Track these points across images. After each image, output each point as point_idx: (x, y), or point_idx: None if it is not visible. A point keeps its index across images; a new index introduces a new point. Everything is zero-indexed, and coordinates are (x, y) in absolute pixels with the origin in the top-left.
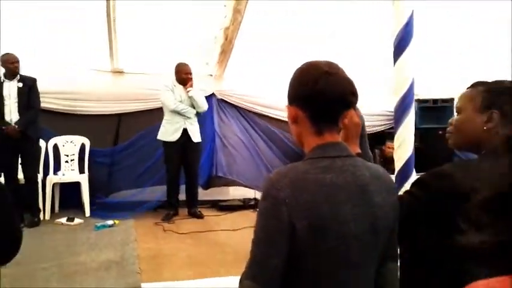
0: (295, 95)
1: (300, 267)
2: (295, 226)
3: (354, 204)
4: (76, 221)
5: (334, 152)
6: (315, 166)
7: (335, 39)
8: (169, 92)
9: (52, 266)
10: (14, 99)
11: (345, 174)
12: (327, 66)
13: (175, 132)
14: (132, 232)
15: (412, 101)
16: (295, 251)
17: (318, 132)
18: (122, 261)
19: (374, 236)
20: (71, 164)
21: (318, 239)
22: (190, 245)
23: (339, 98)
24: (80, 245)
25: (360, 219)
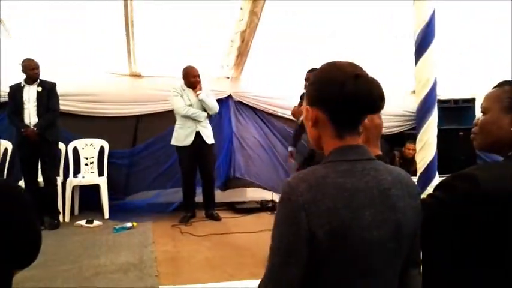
0: (318, 97)
1: (319, 275)
2: (315, 233)
3: (376, 209)
4: (95, 223)
5: (355, 155)
6: (335, 170)
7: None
8: (178, 97)
9: (71, 268)
10: (33, 102)
11: (366, 178)
12: (353, 68)
13: (188, 136)
14: (150, 234)
15: (435, 101)
16: (315, 258)
17: (339, 136)
18: (140, 263)
19: (397, 242)
20: (90, 167)
21: (338, 246)
22: (208, 247)
23: (367, 102)
24: (99, 247)
25: (382, 225)
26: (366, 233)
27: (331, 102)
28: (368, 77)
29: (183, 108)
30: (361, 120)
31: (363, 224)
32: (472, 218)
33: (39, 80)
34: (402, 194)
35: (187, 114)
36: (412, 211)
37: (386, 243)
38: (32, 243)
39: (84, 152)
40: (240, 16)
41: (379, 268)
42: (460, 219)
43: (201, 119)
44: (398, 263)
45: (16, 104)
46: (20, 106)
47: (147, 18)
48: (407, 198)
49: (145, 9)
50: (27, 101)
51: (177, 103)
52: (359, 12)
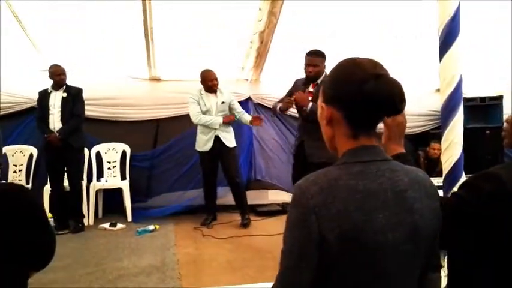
0: (334, 95)
1: (330, 279)
2: (325, 236)
3: (391, 211)
4: (118, 226)
5: (369, 156)
6: (347, 172)
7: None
8: (194, 104)
9: (95, 271)
10: (58, 108)
11: (381, 179)
12: (373, 66)
13: (208, 141)
14: (172, 237)
15: (461, 99)
16: (325, 262)
17: (354, 136)
18: (163, 266)
19: (414, 245)
20: (113, 171)
21: (350, 250)
22: (229, 250)
23: (387, 104)
24: (122, 250)
25: (397, 228)
26: (379, 236)
27: (348, 101)
28: (389, 77)
29: (195, 117)
30: (378, 121)
31: (376, 227)
32: (495, 218)
33: (66, 86)
34: (420, 195)
35: (199, 123)
36: (431, 213)
37: (402, 246)
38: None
39: (107, 156)
40: (259, 17)
41: (394, 272)
42: (483, 218)
43: (216, 127)
44: (417, 266)
45: (42, 109)
46: (46, 112)
47: (166, 22)
48: (426, 200)
49: (164, 13)
50: (52, 106)
51: (192, 110)
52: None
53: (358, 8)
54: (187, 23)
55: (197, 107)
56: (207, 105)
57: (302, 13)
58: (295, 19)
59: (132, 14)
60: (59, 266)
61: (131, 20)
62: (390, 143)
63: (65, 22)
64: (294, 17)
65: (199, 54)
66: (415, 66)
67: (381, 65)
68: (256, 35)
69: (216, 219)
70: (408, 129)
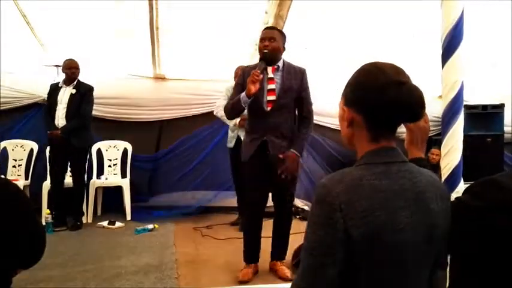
0: (356, 99)
1: (355, 277)
2: (351, 234)
3: (412, 211)
4: (117, 224)
5: (389, 157)
6: (370, 172)
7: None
8: (221, 99)
9: (92, 269)
10: (64, 104)
11: (402, 180)
12: (396, 73)
13: (233, 139)
14: (171, 237)
15: (461, 106)
16: (351, 260)
17: (374, 140)
18: (161, 265)
19: (429, 245)
20: (113, 169)
21: (375, 248)
22: (229, 250)
23: (408, 110)
24: (120, 249)
25: (417, 227)
26: (401, 235)
27: (370, 106)
28: (411, 85)
29: (215, 109)
30: (398, 125)
31: (398, 226)
32: (496, 226)
33: (77, 81)
34: (435, 196)
35: (217, 116)
36: (444, 214)
37: (421, 246)
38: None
39: (108, 153)
40: (265, 19)
41: (413, 270)
42: (484, 226)
43: (231, 124)
44: (430, 264)
45: (51, 104)
46: (53, 106)
47: (172, 21)
48: (439, 201)
49: (171, 13)
50: (60, 102)
51: (216, 103)
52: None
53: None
54: (193, 22)
55: (223, 101)
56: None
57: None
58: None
59: (138, 13)
60: (55, 263)
61: (137, 19)
62: (412, 147)
63: (71, 19)
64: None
65: (204, 53)
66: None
67: (403, 71)
68: None
69: None
70: None
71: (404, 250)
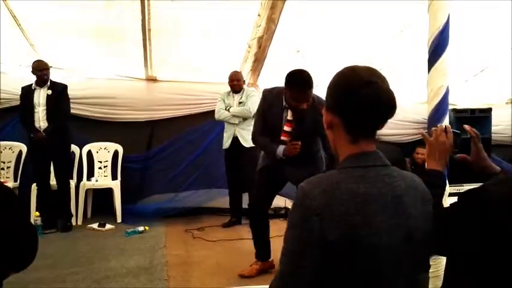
0: (332, 102)
1: (330, 279)
2: (327, 237)
3: (388, 215)
4: (107, 226)
5: (369, 161)
6: (349, 176)
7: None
8: (219, 102)
9: (82, 271)
10: (43, 106)
11: (380, 184)
12: (368, 75)
13: (228, 139)
14: (162, 239)
15: (446, 110)
16: (327, 262)
17: (353, 141)
18: (151, 267)
19: (408, 247)
20: (104, 171)
21: (351, 251)
22: (219, 252)
23: (375, 110)
24: (110, 251)
25: (393, 231)
26: (377, 238)
27: (343, 108)
28: (379, 84)
29: (217, 112)
30: (375, 127)
31: (374, 229)
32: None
33: (50, 82)
34: (415, 200)
35: (219, 119)
36: (424, 217)
37: (399, 249)
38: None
39: (98, 155)
40: (258, 22)
41: (390, 273)
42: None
43: (235, 122)
44: (409, 267)
45: (27, 107)
46: (30, 110)
47: (164, 23)
48: (420, 205)
49: (163, 14)
50: (37, 104)
51: (216, 107)
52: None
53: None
54: (186, 24)
55: (222, 104)
56: (230, 104)
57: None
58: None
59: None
60: (44, 265)
61: (129, 20)
62: (429, 160)
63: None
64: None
65: (196, 56)
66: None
67: (378, 73)
68: (255, 40)
69: (240, 222)
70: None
71: (381, 254)
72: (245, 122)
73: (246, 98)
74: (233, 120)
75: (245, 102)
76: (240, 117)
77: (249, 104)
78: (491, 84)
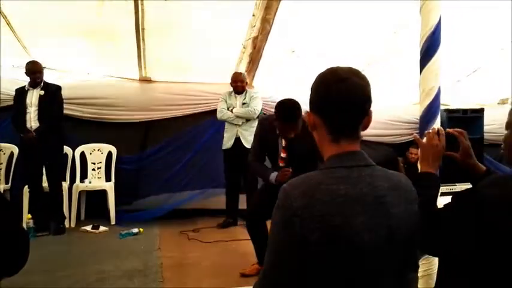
0: (311, 102)
1: (313, 279)
2: (308, 238)
3: (370, 215)
4: (101, 228)
5: (351, 161)
6: (330, 176)
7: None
8: (221, 102)
9: (76, 274)
10: (35, 107)
11: (361, 185)
12: (344, 73)
13: (230, 140)
14: (157, 240)
15: (438, 110)
16: (308, 263)
17: (335, 141)
18: (145, 269)
19: (391, 248)
20: (97, 172)
21: (330, 251)
22: (215, 254)
23: (349, 105)
24: (104, 253)
25: (374, 231)
26: (357, 239)
27: (320, 106)
28: (352, 81)
29: (220, 112)
30: (354, 125)
31: (354, 230)
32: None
33: (44, 83)
34: (398, 200)
35: (222, 119)
36: (409, 217)
37: (380, 250)
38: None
39: (92, 157)
40: (252, 22)
41: (373, 273)
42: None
43: (239, 123)
44: (394, 267)
45: (19, 108)
46: (22, 110)
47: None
48: (404, 204)
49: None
50: (29, 105)
51: (218, 107)
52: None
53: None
54: (180, 24)
55: (224, 104)
56: (233, 104)
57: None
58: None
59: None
60: (37, 269)
61: (123, 20)
62: (422, 162)
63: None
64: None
65: (191, 56)
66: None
67: (354, 71)
68: (250, 41)
69: (236, 224)
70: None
71: (360, 254)
72: (248, 123)
73: (249, 99)
74: (236, 121)
75: (249, 103)
76: (244, 118)
77: (253, 105)
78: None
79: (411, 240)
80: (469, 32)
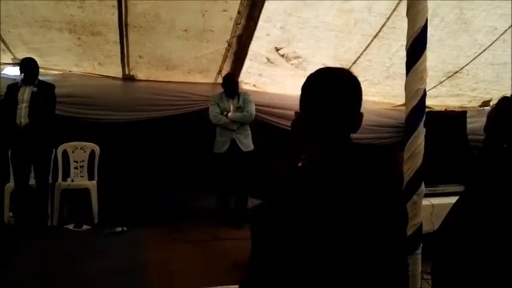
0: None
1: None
2: (285, 239)
3: (349, 217)
4: (84, 227)
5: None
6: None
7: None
8: (213, 106)
9: (57, 273)
10: (26, 103)
11: (341, 185)
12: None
13: (225, 144)
14: (140, 239)
15: (423, 113)
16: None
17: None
18: (129, 269)
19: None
20: (80, 171)
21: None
22: (199, 253)
23: (317, 101)
24: (87, 252)
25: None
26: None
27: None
28: (321, 75)
29: (214, 117)
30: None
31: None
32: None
33: (38, 81)
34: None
35: (218, 123)
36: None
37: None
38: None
39: (74, 155)
40: (237, 20)
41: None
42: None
43: (234, 127)
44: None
45: (10, 103)
46: (13, 106)
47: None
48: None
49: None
50: (20, 101)
51: (211, 112)
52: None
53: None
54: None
55: (217, 108)
56: (226, 108)
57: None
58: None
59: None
60: (17, 267)
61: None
62: None
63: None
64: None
65: (175, 54)
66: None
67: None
68: (235, 39)
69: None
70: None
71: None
72: (242, 127)
73: (243, 103)
74: (231, 125)
75: (243, 107)
76: (239, 123)
77: (249, 109)
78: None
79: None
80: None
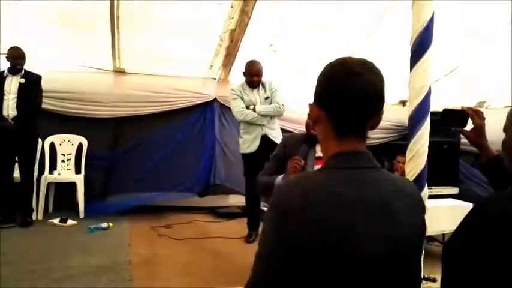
0: (317, 94)
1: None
2: (304, 242)
3: (374, 222)
4: (69, 222)
5: (355, 162)
6: (332, 177)
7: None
8: (236, 100)
9: (40, 269)
10: (13, 94)
11: (366, 188)
12: (357, 66)
13: (255, 141)
14: (126, 236)
15: (428, 111)
16: (303, 270)
17: (339, 138)
18: (114, 266)
19: (395, 258)
20: (67, 164)
21: (329, 259)
22: (186, 251)
23: (358, 103)
24: (71, 248)
25: (378, 240)
26: (360, 247)
27: (326, 101)
28: (366, 76)
29: (240, 113)
30: (362, 122)
31: (357, 237)
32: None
33: (24, 71)
34: (405, 206)
35: (245, 120)
36: (415, 226)
37: (382, 259)
38: None
39: (62, 148)
40: (230, 14)
41: (372, 284)
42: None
43: (263, 122)
44: (397, 278)
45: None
46: (0, 97)
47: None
48: (411, 212)
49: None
50: (7, 92)
51: (235, 107)
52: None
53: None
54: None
55: (241, 102)
56: (253, 100)
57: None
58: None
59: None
60: (1, 262)
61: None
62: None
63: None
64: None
65: (166, 47)
66: None
67: (368, 65)
68: (227, 33)
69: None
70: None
71: (362, 262)
72: (272, 120)
73: (270, 93)
74: (261, 120)
75: (272, 98)
76: (269, 116)
77: (278, 99)
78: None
79: (417, 250)
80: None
